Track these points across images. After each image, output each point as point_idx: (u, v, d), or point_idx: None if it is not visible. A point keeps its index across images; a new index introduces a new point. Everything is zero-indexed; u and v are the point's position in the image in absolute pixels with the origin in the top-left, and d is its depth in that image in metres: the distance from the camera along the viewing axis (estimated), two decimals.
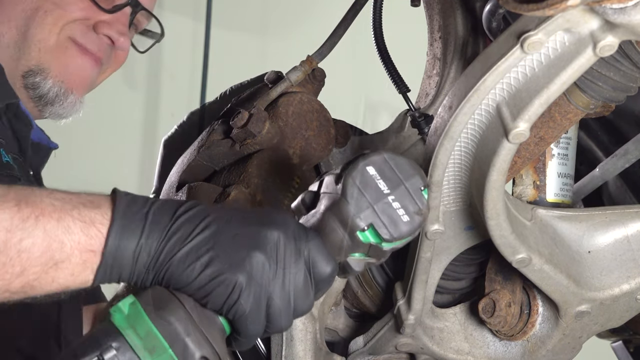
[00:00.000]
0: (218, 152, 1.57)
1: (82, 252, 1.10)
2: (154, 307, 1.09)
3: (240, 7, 4.21)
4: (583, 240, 1.35)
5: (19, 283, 1.09)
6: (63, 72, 1.89)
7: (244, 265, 1.09)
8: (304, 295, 1.13)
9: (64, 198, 1.12)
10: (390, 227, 1.12)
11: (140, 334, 1.08)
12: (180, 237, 1.10)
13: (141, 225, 1.10)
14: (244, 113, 1.53)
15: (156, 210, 1.12)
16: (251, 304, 1.09)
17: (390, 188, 1.13)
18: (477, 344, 1.46)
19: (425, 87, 1.68)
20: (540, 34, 1.10)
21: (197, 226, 1.11)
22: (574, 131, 1.43)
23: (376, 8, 1.60)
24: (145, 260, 1.10)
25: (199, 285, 1.09)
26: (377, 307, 1.53)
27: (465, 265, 1.46)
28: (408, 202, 1.13)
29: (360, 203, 1.12)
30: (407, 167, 1.14)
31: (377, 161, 1.14)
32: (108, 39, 1.92)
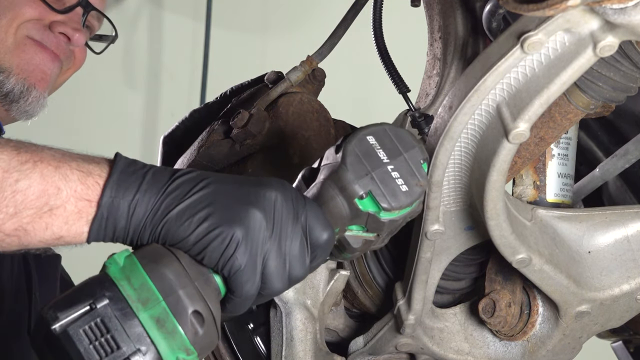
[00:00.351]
0: (218, 153, 1.57)
1: (77, 201, 1.11)
2: (149, 260, 1.09)
3: (240, 7, 4.21)
4: (583, 240, 1.35)
5: (12, 225, 1.09)
6: (24, 69, 1.93)
7: (241, 220, 1.10)
8: (299, 259, 1.13)
9: (65, 152, 1.14)
10: (389, 195, 1.13)
11: (135, 285, 1.08)
12: (178, 194, 1.11)
13: (138, 182, 1.11)
14: (244, 113, 1.53)
15: (155, 170, 1.13)
16: (247, 259, 1.10)
17: (389, 157, 1.13)
18: (477, 344, 1.46)
19: (425, 87, 1.68)
20: (541, 34, 1.10)
21: (196, 185, 1.12)
22: (574, 131, 1.43)
23: (376, 8, 1.59)
24: (141, 215, 1.11)
25: (195, 240, 1.10)
26: (377, 307, 1.53)
27: (465, 266, 1.46)
28: (407, 173, 1.13)
29: (359, 170, 1.13)
30: (407, 139, 1.15)
31: (377, 131, 1.14)
32: (64, 37, 1.96)
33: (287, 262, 1.13)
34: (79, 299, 1.07)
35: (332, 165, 1.15)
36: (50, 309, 1.07)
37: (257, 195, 1.12)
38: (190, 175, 1.13)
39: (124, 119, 4.22)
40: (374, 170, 1.13)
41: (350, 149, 1.13)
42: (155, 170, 1.14)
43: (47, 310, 1.07)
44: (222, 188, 1.12)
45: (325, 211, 1.14)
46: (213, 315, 1.10)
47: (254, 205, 1.11)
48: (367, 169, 1.13)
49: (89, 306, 1.06)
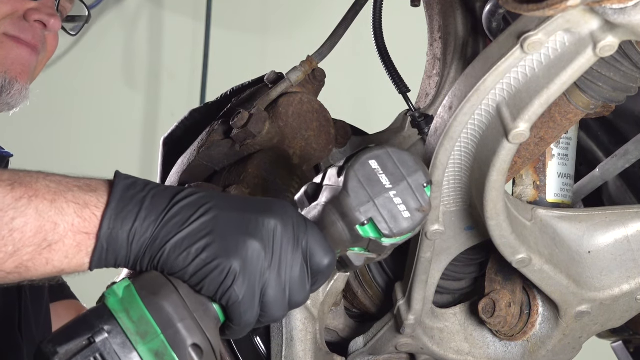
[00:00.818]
0: (218, 153, 1.57)
1: (75, 235, 1.10)
2: (148, 291, 1.09)
3: (240, 7, 4.21)
4: (583, 240, 1.35)
5: (13, 263, 1.09)
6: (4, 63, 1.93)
7: (239, 251, 1.09)
8: (299, 286, 1.13)
9: (61, 181, 1.12)
10: (390, 222, 1.12)
11: (134, 317, 1.07)
12: (177, 222, 1.10)
13: (137, 209, 1.10)
14: (244, 113, 1.53)
15: (154, 194, 1.12)
16: (245, 291, 1.09)
17: (392, 183, 1.12)
18: (477, 344, 1.46)
19: (425, 87, 1.68)
20: (541, 34, 1.10)
21: (195, 212, 1.11)
22: (574, 131, 1.43)
23: (376, 8, 1.59)
24: (141, 243, 1.10)
25: (193, 271, 1.09)
26: (377, 307, 1.53)
27: (465, 266, 1.46)
28: (410, 198, 1.12)
29: (360, 197, 1.12)
30: (410, 163, 1.14)
31: (380, 155, 1.13)
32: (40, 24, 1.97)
33: (287, 290, 1.12)
34: (77, 332, 1.07)
35: (334, 188, 1.14)
36: (50, 343, 1.07)
37: (256, 224, 1.11)
38: (190, 199, 1.12)
39: (124, 119, 4.22)
40: (376, 197, 1.12)
41: (353, 174, 1.12)
42: (155, 194, 1.12)
43: (46, 345, 1.07)
44: (221, 215, 1.11)
45: (326, 235, 1.13)
46: (212, 346, 1.09)
47: (253, 236, 1.10)
48: (369, 195, 1.12)
49: (87, 340, 1.06)
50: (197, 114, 1.74)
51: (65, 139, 4.19)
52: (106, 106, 4.22)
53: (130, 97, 4.24)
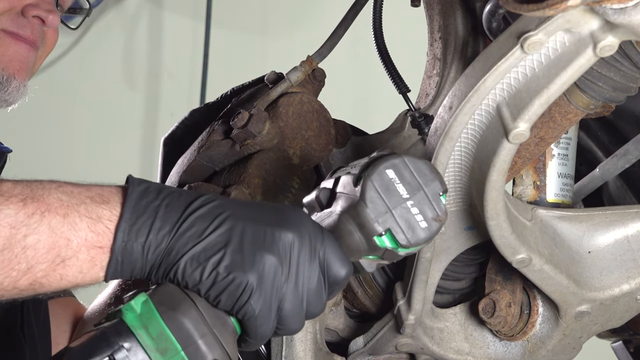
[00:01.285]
0: (218, 153, 1.57)
1: (89, 249, 1.09)
2: (166, 306, 1.08)
3: (240, 7, 4.21)
4: (583, 240, 1.35)
5: (27, 280, 1.08)
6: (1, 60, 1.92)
7: (256, 266, 1.08)
8: (316, 297, 1.12)
9: (72, 192, 1.10)
10: (408, 232, 1.11)
11: (153, 334, 1.06)
12: (192, 234, 1.09)
13: (151, 220, 1.09)
14: (244, 113, 1.53)
15: (168, 202, 1.10)
16: (261, 305, 1.08)
17: (409, 192, 1.11)
18: (477, 344, 1.46)
19: (425, 87, 1.68)
20: (541, 34, 1.10)
21: (211, 223, 1.09)
22: (574, 131, 1.43)
23: (376, 8, 1.59)
24: (156, 255, 1.09)
25: (209, 285, 1.08)
26: (377, 307, 1.53)
27: (466, 266, 1.46)
28: (426, 208, 1.11)
29: (378, 207, 1.11)
30: (426, 172, 1.12)
31: (397, 164, 1.12)
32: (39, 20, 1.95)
33: (304, 302, 1.11)
34: (97, 350, 1.06)
35: (350, 197, 1.13)
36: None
37: (272, 238, 1.09)
38: (204, 209, 1.10)
39: (124, 119, 4.22)
40: (393, 207, 1.11)
41: (370, 184, 1.11)
42: (169, 202, 1.10)
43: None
44: (237, 227, 1.09)
45: (342, 244, 1.12)
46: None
47: (269, 250, 1.09)
48: (386, 206, 1.11)
49: (107, 358, 1.05)
50: (198, 114, 1.73)
51: (65, 139, 4.19)
52: (106, 106, 4.22)
53: (130, 97, 4.24)
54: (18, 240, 1.06)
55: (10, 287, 1.08)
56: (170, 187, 1.14)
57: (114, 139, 4.18)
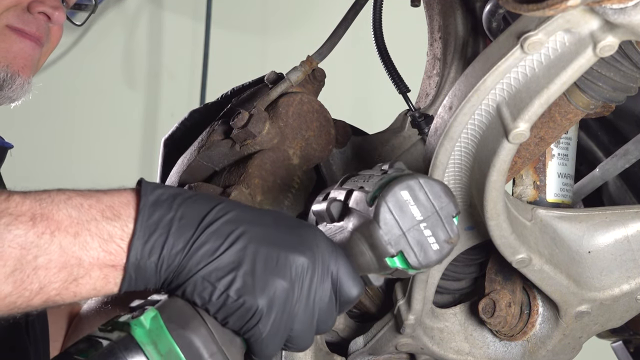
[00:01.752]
0: (218, 153, 1.57)
1: (102, 268, 1.07)
2: (176, 324, 1.07)
3: (240, 7, 4.21)
4: (583, 240, 1.35)
5: (40, 299, 1.07)
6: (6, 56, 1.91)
7: (267, 291, 1.07)
8: (327, 316, 1.12)
9: (82, 205, 1.08)
10: (420, 255, 1.11)
11: (162, 351, 1.05)
12: (205, 252, 1.07)
13: (164, 238, 1.07)
14: (244, 113, 1.53)
15: (182, 216, 1.08)
16: (269, 329, 1.08)
17: (423, 214, 1.11)
18: (477, 344, 1.46)
19: (425, 87, 1.68)
20: (541, 34, 1.10)
21: (224, 241, 1.08)
22: (574, 131, 1.43)
23: (376, 8, 1.59)
24: (169, 272, 1.08)
25: (219, 306, 1.07)
26: (377, 307, 1.53)
27: (466, 266, 1.46)
28: (439, 230, 1.12)
29: (392, 229, 1.11)
30: (441, 193, 1.12)
31: (412, 185, 1.12)
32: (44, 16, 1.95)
33: (314, 321, 1.11)
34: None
35: (363, 216, 1.13)
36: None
37: (285, 262, 1.08)
38: (219, 223, 1.09)
39: (124, 119, 4.22)
40: (407, 230, 1.11)
41: (384, 206, 1.11)
42: (182, 214, 1.08)
43: None
44: (250, 247, 1.08)
45: (352, 261, 1.12)
46: None
47: (281, 276, 1.08)
48: (400, 228, 1.11)
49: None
50: (197, 115, 1.73)
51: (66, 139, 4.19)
52: (106, 106, 4.22)
53: (130, 97, 4.24)
54: (29, 261, 1.05)
55: (24, 306, 1.07)
56: (184, 192, 1.12)
57: (114, 139, 4.18)
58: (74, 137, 4.21)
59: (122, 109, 4.23)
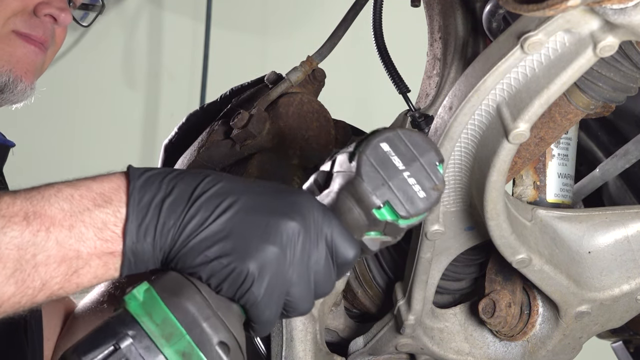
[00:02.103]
0: (218, 153, 1.57)
1: (100, 257, 1.08)
2: (169, 293, 1.08)
3: (240, 7, 4.21)
4: (583, 240, 1.35)
5: (44, 295, 1.07)
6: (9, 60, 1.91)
7: (257, 255, 1.08)
8: (325, 279, 1.12)
9: (73, 196, 1.09)
10: (407, 203, 1.11)
11: (157, 320, 1.06)
12: (195, 224, 1.08)
13: (156, 218, 1.09)
14: (244, 114, 1.53)
15: (172, 192, 1.10)
16: (264, 293, 1.08)
17: (405, 164, 1.11)
18: (477, 345, 1.46)
19: (425, 87, 1.68)
20: (541, 35, 1.10)
21: (214, 211, 1.09)
22: (574, 132, 1.43)
23: (376, 8, 1.59)
24: (165, 250, 1.09)
25: (211, 273, 1.08)
26: (377, 307, 1.53)
27: (466, 266, 1.46)
28: (424, 178, 1.11)
29: (375, 180, 1.11)
30: (421, 142, 1.12)
31: (391, 137, 1.12)
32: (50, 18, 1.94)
33: (311, 284, 1.11)
34: (101, 340, 1.05)
35: (346, 174, 1.13)
36: (74, 353, 1.05)
37: (276, 229, 1.09)
38: (209, 193, 1.10)
39: (124, 119, 4.22)
40: (390, 179, 1.11)
41: (365, 159, 1.11)
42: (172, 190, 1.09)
43: (70, 355, 1.05)
44: (240, 214, 1.09)
45: (343, 222, 1.12)
46: (238, 342, 1.09)
47: (272, 242, 1.08)
48: (383, 178, 1.11)
49: (112, 347, 1.05)
50: (194, 118, 1.73)
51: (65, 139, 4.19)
52: (106, 106, 4.22)
53: (130, 98, 4.24)
54: (28, 260, 1.06)
55: (29, 304, 1.08)
56: (172, 171, 1.13)
57: (114, 139, 4.18)
58: (74, 137, 4.21)
59: (122, 109, 4.23)
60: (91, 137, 4.19)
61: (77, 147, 4.19)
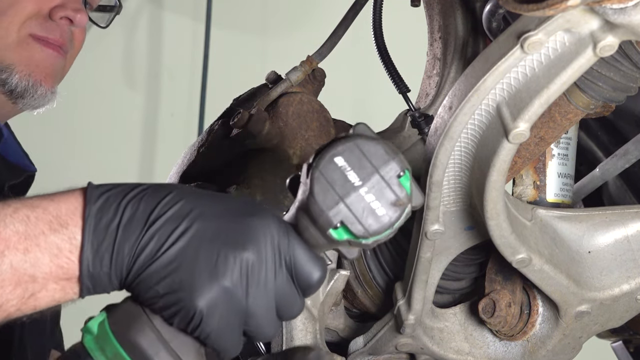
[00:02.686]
0: (218, 153, 1.57)
1: (57, 281, 1.07)
2: (121, 326, 1.06)
3: (240, 7, 4.21)
4: (583, 240, 1.35)
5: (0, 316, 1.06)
6: (28, 65, 1.90)
7: (205, 292, 1.05)
8: (290, 304, 1.09)
9: (29, 217, 1.06)
10: (365, 222, 1.03)
11: (109, 355, 1.05)
12: (149, 253, 1.06)
13: (112, 245, 1.06)
14: (244, 113, 1.53)
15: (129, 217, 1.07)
16: (216, 327, 1.06)
17: (362, 179, 1.02)
18: (477, 344, 1.46)
19: (425, 87, 1.68)
20: (541, 34, 1.10)
21: (169, 238, 1.06)
22: (574, 131, 1.43)
23: (376, 8, 1.59)
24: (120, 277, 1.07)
25: (162, 307, 1.06)
26: (377, 307, 1.53)
27: (466, 266, 1.46)
28: (383, 193, 1.02)
29: (328, 200, 1.03)
30: (380, 153, 1.03)
31: (346, 149, 1.03)
32: (67, 20, 1.93)
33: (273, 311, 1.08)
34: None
35: (303, 190, 1.06)
36: None
37: (225, 262, 1.05)
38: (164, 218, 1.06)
39: (124, 119, 4.22)
40: (345, 197, 1.02)
41: (318, 175, 1.03)
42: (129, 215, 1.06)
43: None
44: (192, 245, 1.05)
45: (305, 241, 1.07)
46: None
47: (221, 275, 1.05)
48: (337, 196, 1.02)
49: None
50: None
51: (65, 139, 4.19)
52: (106, 106, 4.22)
53: (130, 97, 4.24)
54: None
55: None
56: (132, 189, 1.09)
57: (114, 139, 4.18)
58: (74, 137, 4.21)
59: (122, 109, 4.23)
60: (91, 137, 4.19)
61: (77, 147, 4.19)
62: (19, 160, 2.00)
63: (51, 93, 1.95)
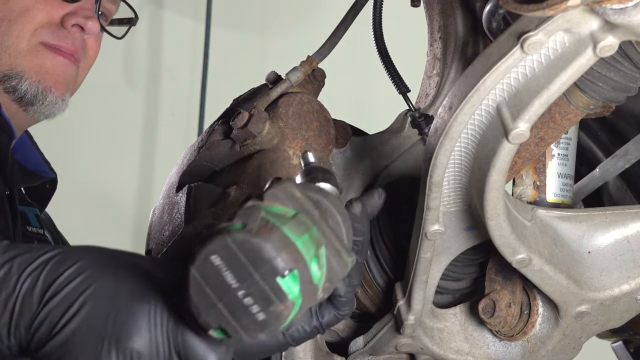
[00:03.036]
0: (218, 153, 1.57)
1: None
2: None
3: (240, 7, 4.21)
4: (583, 240, 1.35)
5: None
6: (38, 72, 1.90)
7: None
8: None
9: None
10: (243, 328, 0.96)
11: None
12: (44, 332, 1.06)
13: (8, 323, 1.06)
14: (244, 113, 1.53)
15: (25, 292, 1.06)
16: None
17: (239, 280, 0.95)
18: (477, 345, 1.46)
19: (425, 87, 1.68)
20: (541, 35, 1.10)
21: (59, 321, 1.05)
22: (574, 131, 1.43)
23: (376, 8, 1.59)
24: (18, 350, 1.08)
25: None
26: (377, 307, 1.53)
27: (465, 266, 1.46)
28: (262, 296, 0.95)
29: (204, 302, 0.96)
30: (260, 252, 0.95)
31: (222, 248, 0.95)
32: (79, 28, 1.92)
33: None
34: None
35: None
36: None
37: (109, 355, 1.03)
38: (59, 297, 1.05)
39: (124, 119, 4.22)
40: (220, 299, 0.95)
41: (192, 276, 0.96)
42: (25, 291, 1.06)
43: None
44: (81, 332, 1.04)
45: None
46: None
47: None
48: (212, 299, 0.96)
49: None
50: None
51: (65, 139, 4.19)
52: (106, 106, 4.22)
53: (130, 97, 4.24)
54: None
55: None
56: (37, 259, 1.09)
57: (114, 139, 4.18)
58: (74, 137, 4.21)
59: (122, 109, 4.23)
60: (91, 137, 4.19)
61: (77, 146, 4.19)
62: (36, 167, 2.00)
63: (62, 100, 1.94)
